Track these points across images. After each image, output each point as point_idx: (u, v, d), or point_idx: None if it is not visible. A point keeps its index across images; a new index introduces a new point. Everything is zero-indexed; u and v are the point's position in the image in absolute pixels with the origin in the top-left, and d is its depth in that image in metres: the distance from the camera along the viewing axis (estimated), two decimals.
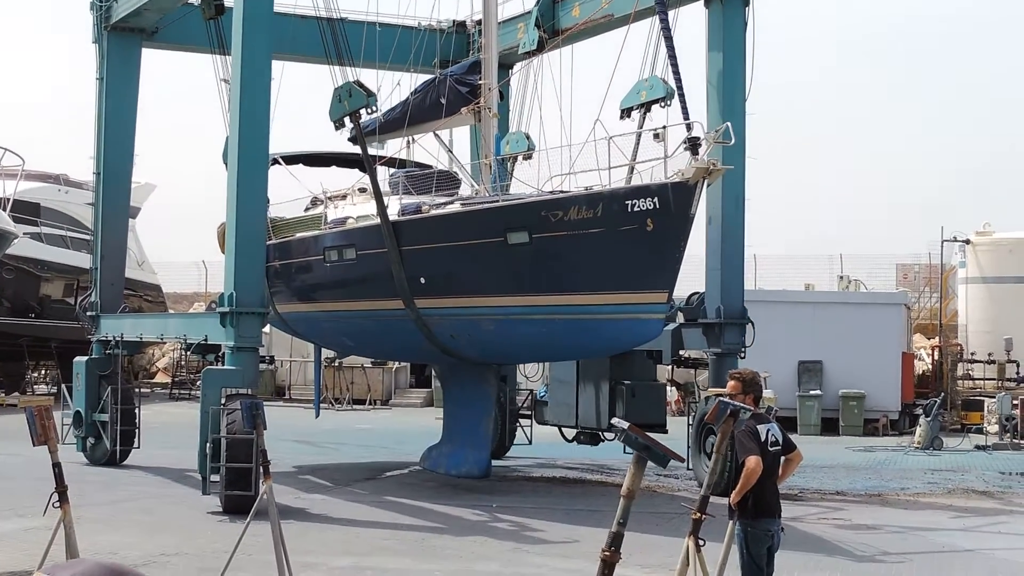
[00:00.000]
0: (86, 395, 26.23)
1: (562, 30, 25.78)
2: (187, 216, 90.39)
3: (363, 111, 21.34)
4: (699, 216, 23.11)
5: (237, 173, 20.69)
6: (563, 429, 26.50)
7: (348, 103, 21.20)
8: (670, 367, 27.53)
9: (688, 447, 22.58)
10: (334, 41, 21.67)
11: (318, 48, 22.34)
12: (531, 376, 30.63)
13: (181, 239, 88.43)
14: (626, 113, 21.84)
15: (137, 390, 27.91)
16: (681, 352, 25.05)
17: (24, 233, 44.49)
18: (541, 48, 25.98)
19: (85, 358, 27.04)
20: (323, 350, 31.17)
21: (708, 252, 23.68)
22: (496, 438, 27.82)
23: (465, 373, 24.48)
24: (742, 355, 23.18)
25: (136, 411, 26.22)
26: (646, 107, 21.51)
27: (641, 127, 21.04)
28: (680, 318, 24.23)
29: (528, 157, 23.81)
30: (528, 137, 24.05)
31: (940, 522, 19.97)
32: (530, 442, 28.64)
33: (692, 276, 24.77)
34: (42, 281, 46.32)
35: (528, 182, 22.19)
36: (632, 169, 19.57)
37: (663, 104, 21.06)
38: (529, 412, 28.43)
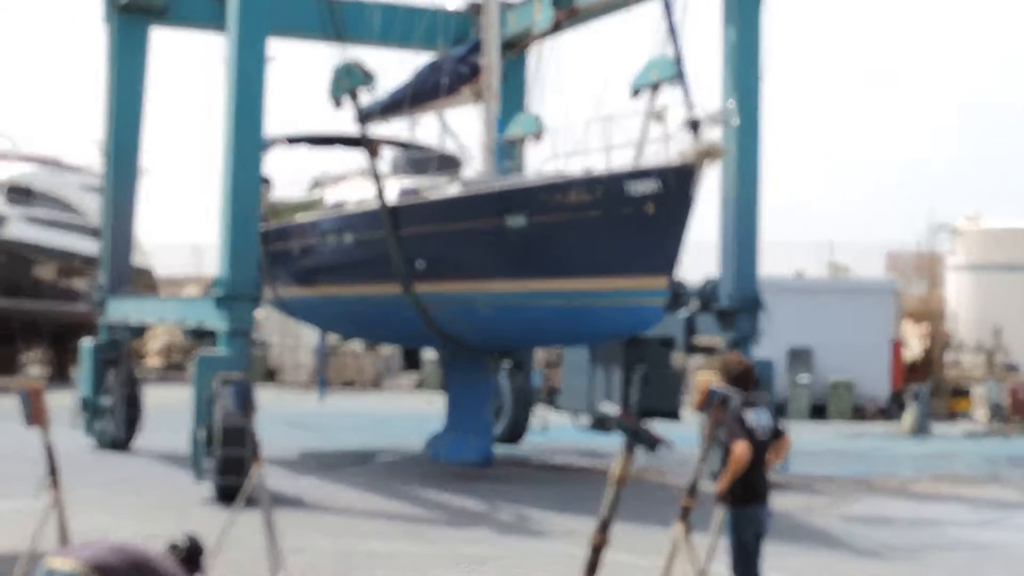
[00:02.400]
0: (92, 379, 26.15)
1: (576, 9, 25.50)
2: (181, 198, 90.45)
3: (361, 91, 21.18)
4: (714, 199, 22.92)
5: (231, 155, 20.52)
6: (577, 416, 26.31)
7: (347, 82, 21.04)
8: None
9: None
10: (333, 20, 21.42)
11: (323, 27, 22.08)
12: (548, 363, 30.26)
13: (176, 222, 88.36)
14: (636, 93, 21.40)
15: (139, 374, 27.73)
16: (694, 338, 24.53)
17: (16, 216, 44.43)
18: (556, 29, 25.77)
19: (91, 342, 26.96)
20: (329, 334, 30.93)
21: (722, 237, 23.03)
22: (510, 425, 27.87)
23: (466, 360, 24.19)
24: (757, 342, 22.74)
25: (141, 396, 26.10)
26: (656, 87, 21.07)
27: (652, 107, 20.56)
28: (694, 304, 23.64)
29: (538, 139, 23.53)
30: (539, 119, 23.74)
31: (931, 510, 20.04)
32: (546, 429, 28.51)
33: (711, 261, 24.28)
34: (34, 264, 46.25)
35: (543, 164, 21.92)
36: (641, 149, 19.22)
37: (675, 84, 20.50)
38: (546, 399, 28.33)
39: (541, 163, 21.90)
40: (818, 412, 36.66)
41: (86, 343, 26.96)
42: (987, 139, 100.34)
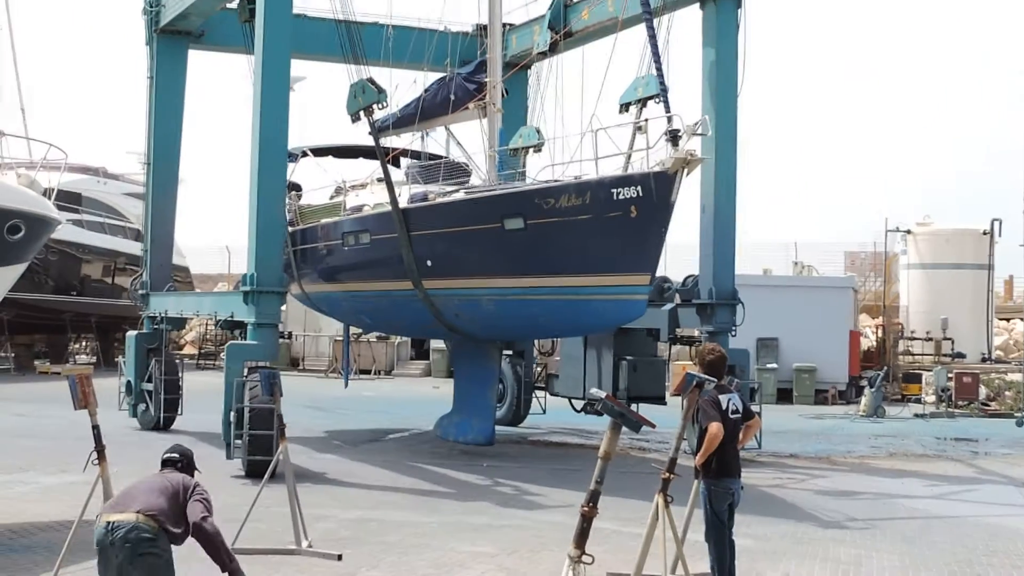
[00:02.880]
0: (136, 366, 26.03)
1: (571, 32, 25.37)
2: (214, 204, 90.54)
3: (375, 106, 21.08)
4: (694, 204, 22.70)
5: (258, 165, 20.50)
6: (572, 400, 26.21)
7: (362, 98, 20.93)
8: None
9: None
10: (350, 42, 21.34)
11: (342, 49, 21.95)
12: (545, 351, 29.93)
13: (208, 225, 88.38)
14: (624, 108, 20.90)
15: (179, 361, 27.36)
16: (677, 330, 24.34)
17: (67, 220, 44.40)
18: (553, 49, 25.68)
19: (135, 332, 26.82)
20: (350, 326, 30.78)
21: (702, 238, 22.90)
22: (513, 408, 27.72)
23: (472, 349, 24.05)
24: (733, 333, 22.62)
25: (180, 381, 25.93)
26: (642, 102, 20.60)
27: (637, 121, 20.21)
28: (677, 299, 23.58)
29: (538, 150, 23.42)
30: (539, 131, 23.65)
31: (886, 484, 20.05)
32: (544, 412, 28.43)
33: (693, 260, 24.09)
34: (83, 263, 46.30)
35: (539, 172, 21.80)
36: (629, 158, 19.13)
37: (658, 100, 19.87)
38: (544, 384, 28.20)
39: (538, 171, 21.88)
40: (783, 396, 36.65)
41: (131, 334, 26.86)
42: (942, 148, 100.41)
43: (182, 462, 9.07)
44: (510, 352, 27.71)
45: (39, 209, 15.99)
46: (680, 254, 29.63)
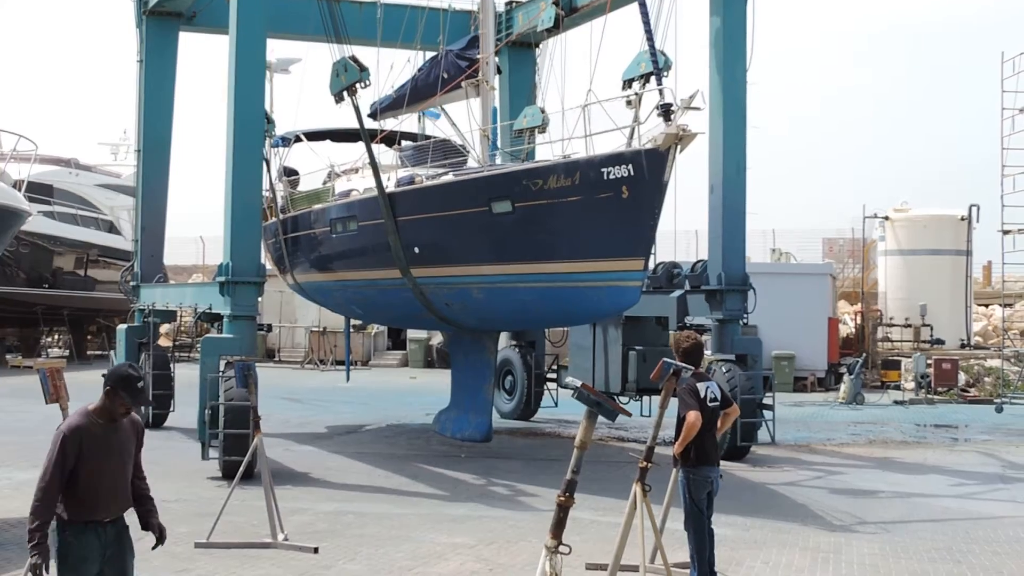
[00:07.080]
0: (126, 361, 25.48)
1: (576, 8, 24.92)
2: (188, 191, 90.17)
3: (359, 85, 20.25)
4: (703, 186, 22.08)
5: (233, 148, 19.93)
6: None
7: (344, 77, 20.19)
8: None
9: None
10: (331, 20, 20.77)
11: (324, 28, 21.38)
12: (556, 342, 29.32)
13: (182, 213, 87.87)
14: (627, 84, 19.99)
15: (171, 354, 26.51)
16: (687, 318, 23.31)
17: (38, 212, 44.17)
18: (557, 26, 25.14)
19: (125, 326, 26.28)
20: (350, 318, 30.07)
21: (710, 220, 22.02)
22: (524, 401, 27.23)
23: (467, 341, 23.22)
24: (745, 321, 22.01)
25: (172, 376, 24.90)
26: (644, 78, 19.57)
27: (628, 95, 19.04)
28: (687, 285, 22.94)
29: (543, 130, 22.72)
30: (543, 111, 23.00)
31: (868, 471, 20.12)
32: (556, 404, 27.80)
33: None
34: (55, 255, 46.08)
35: (542, 154, 21.14)
36: (632, 134, 18.02)
37: (662, 75, 18.55)
38: (555, 376, 27.55)
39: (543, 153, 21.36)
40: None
41: (122, 327, 26.34)
42: (920, 134, 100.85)
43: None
44: (520, 343, 27.29)
45: (9, 201, 15.94)
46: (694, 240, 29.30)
